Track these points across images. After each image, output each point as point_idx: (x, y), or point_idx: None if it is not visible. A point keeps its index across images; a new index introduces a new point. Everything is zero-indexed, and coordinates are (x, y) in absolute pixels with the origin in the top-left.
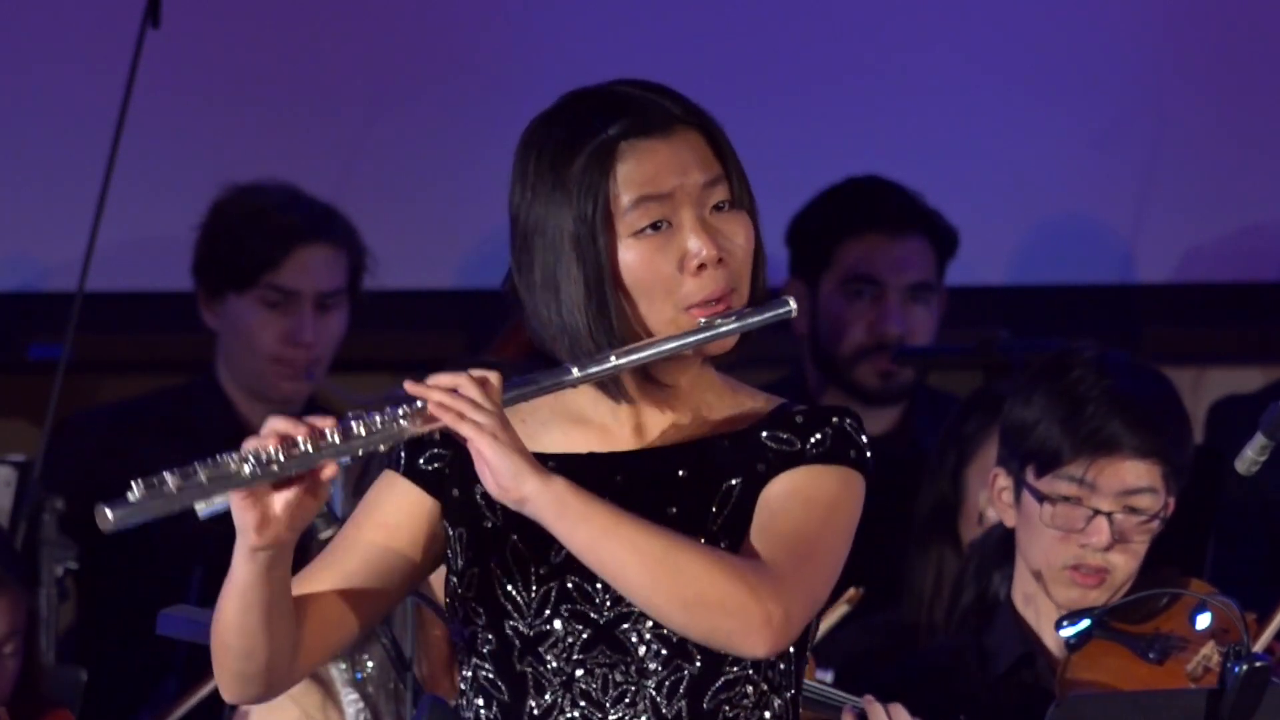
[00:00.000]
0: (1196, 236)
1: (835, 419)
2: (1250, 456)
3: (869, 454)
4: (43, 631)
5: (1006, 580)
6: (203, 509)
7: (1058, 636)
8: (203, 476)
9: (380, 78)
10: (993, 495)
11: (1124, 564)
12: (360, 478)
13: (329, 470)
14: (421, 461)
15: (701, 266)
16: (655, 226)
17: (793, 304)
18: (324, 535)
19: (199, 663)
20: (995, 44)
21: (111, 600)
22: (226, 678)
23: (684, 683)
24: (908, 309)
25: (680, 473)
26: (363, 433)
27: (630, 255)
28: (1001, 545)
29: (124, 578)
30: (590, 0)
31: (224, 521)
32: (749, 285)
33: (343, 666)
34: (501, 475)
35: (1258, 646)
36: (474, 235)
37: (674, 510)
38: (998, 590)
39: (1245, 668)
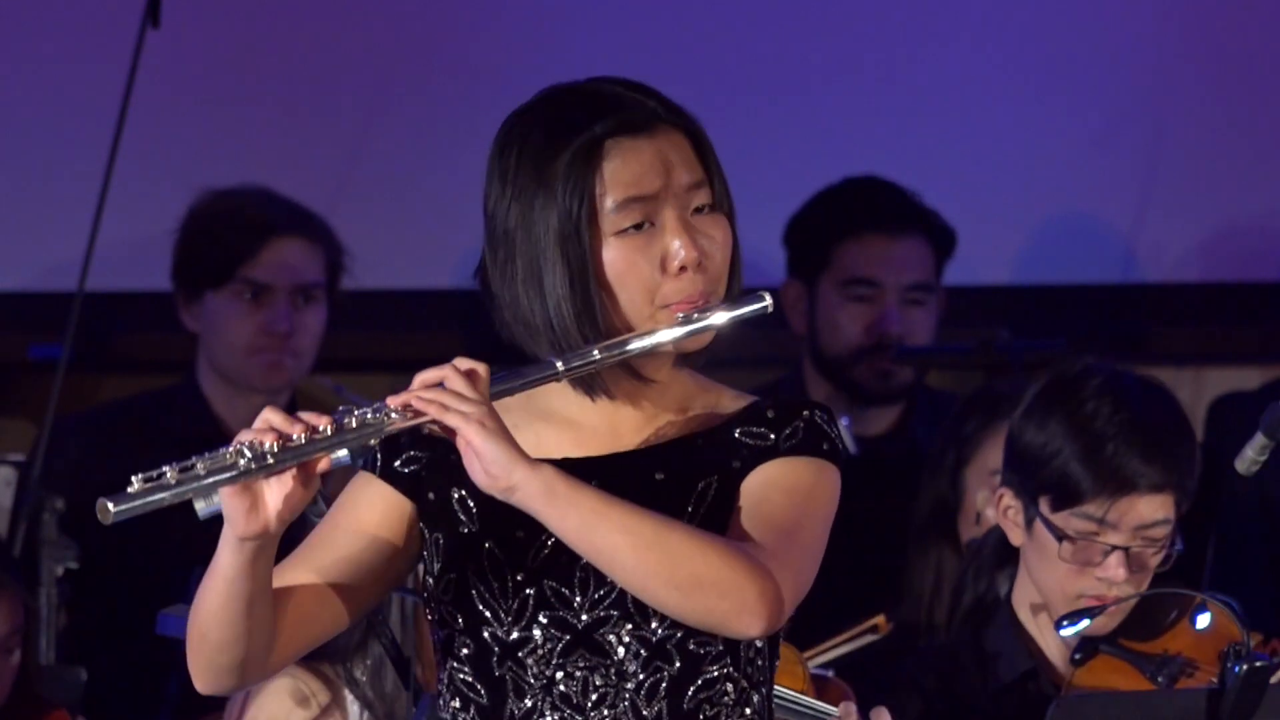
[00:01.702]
0: (1196, 236)
1: (806, 412)
2: (1250, 456)
3: (840, 446)
4: (43, 631)
5: (1007, 581)
6: (202, 509)
7: (1062, 651)
8: (200, 469)
9: (380, 77)
10: (999, 513)
11: (1134, 589)
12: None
13: (322, 464)
14: (398, 464)
15: (682, 269)
16: (638, 226)
17: (769, 299)
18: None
19: None
20: (995, 44)
21: (111, 600)
22: (201, 667)
23: (664, 683)
24: (906, 309)
25: (657, 475)
26: (354, 426)
27: (612, 254)
28: (1000, 547)
29: (124, 578)
30: (589, 0)
31: (223, 522)
32: (725, 288)
33: (340, 668)
34: (490, 464)
35: None
36: (473, 235)
37: None
38: (998, 592)
39: (1245, 668)
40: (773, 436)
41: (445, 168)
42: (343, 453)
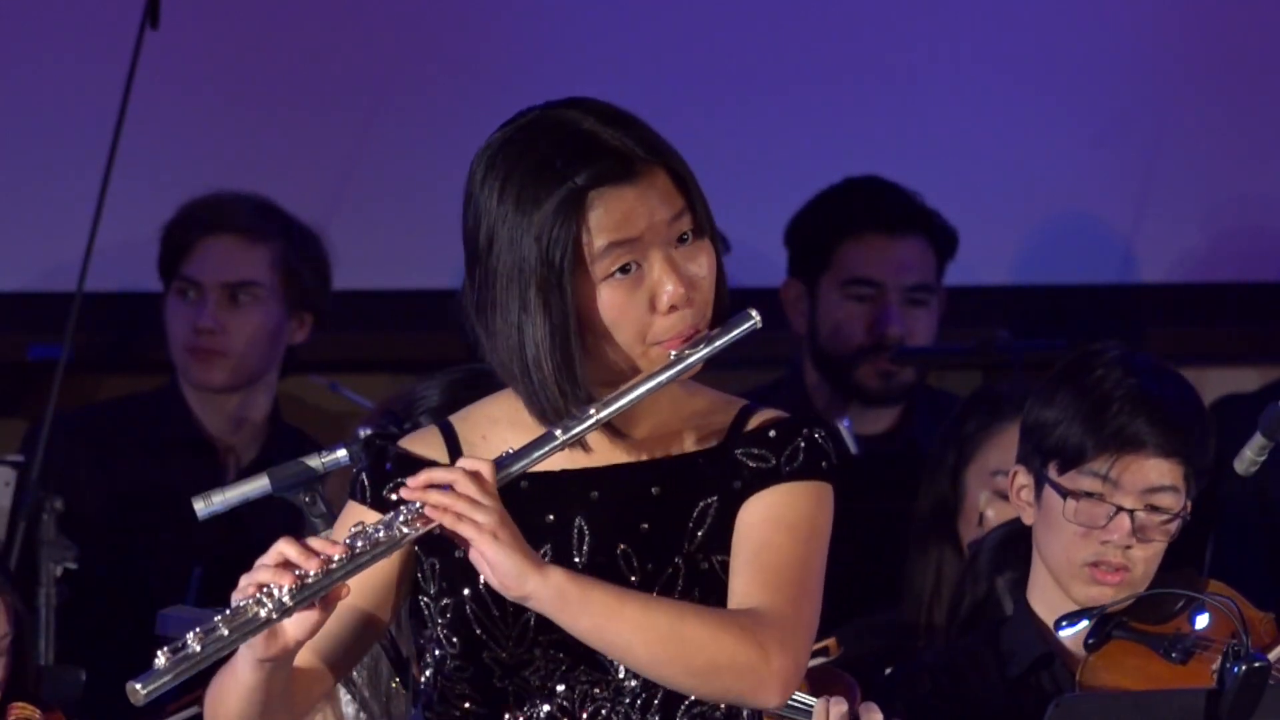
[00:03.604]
0: (1196, 236)
1: (806, 430)
2: (1249, 456)
3: (836, 460)
4: (42, 631)
5: (1007, 584)
6: (202, 509)
7: (1075, 637)
8: (224, 630)
9: (380, 77)
10: (1012, 492)
11: (1143, 562)
12: None
13: (341, 592)
14: (386, 491)
15: (672, 307)
16: (624, 270)
17: (756, 316)
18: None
19: None
20: (995, 44)
21: (111, 600)
22: None
23: (658, 698)
24: (907, 310)
25: (654, 489)
26: (368, 548)
27: (604, 299)
28: (1000, 549)
29: (124, 578)
30: (589, 0)
31: (223, 522)
32: (712, 310)
33: None
34: (504, 575)
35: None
36: None
37: (647, 527)
38: (999, 595)
39: (1244, 668)
40: (774, 459)
41: (445, 168)
42: (341, 453)
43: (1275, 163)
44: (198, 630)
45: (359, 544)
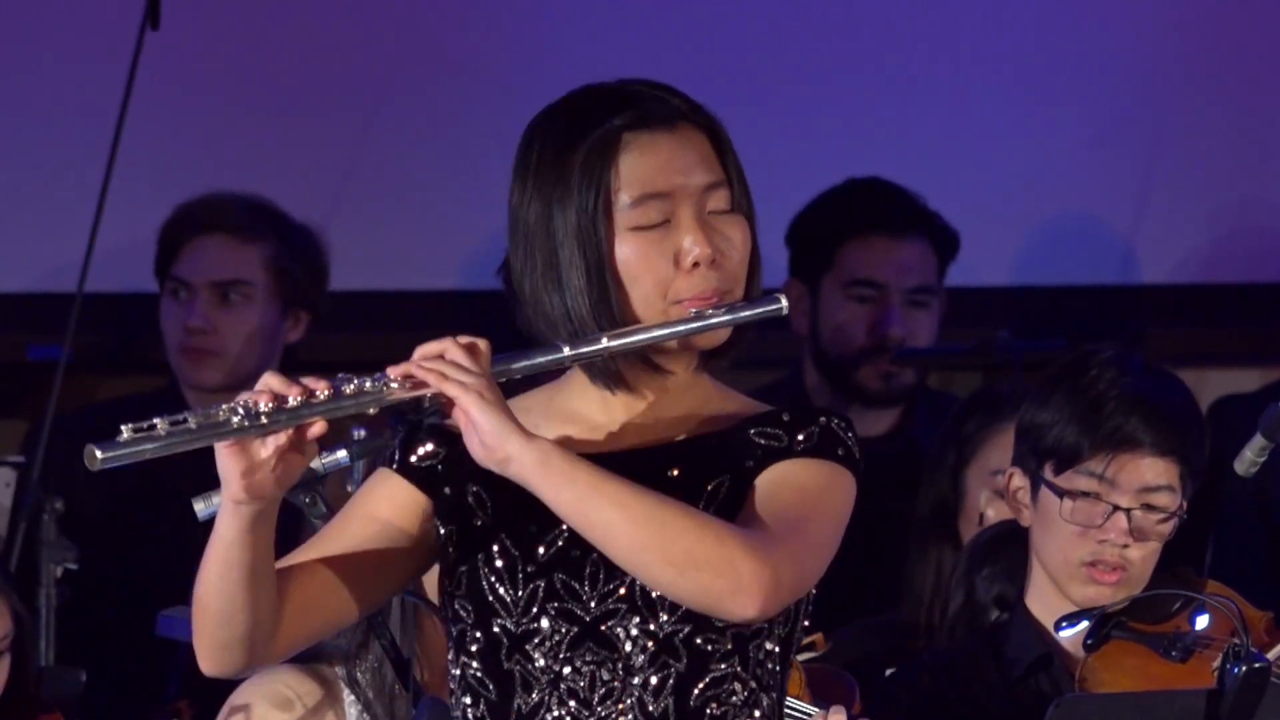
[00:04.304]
0: (1196, 236)
1: (823, 419)
2: (1249, 457)
3: (857, 454)
4: (42, 632)
5: (985, 582)
6: (202, 510)
7: (1074, 638)
8: (192, 423)
9: (380, 78)
10: (1008, 494)
11: (1140, 561)
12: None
13: (316, 428)
14: (414, 459)
15: (696, 265)
16: (653, 222)
17: (784, 301)
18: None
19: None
20: (995, 44)
21: (111, 601)
22: (205, 645)
23: (670, 680)
24: (908, 312)
25: (671, 472)
26: (351, 393)
27: (627, 249)
28: (989, 549)
29: (124, 578)
30: (589, 0)
31: None
32: (744, 289)
33: (340, 668)
34: (486, 434)
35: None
36: (474, 235)
37: None
38: (980, 594)
39: (1245, 668)
40: (787, 439)
41: (445, 169)
42: (341, 454)
43: (1275, 163)
44: (166, 416)
45: (344, 386)
